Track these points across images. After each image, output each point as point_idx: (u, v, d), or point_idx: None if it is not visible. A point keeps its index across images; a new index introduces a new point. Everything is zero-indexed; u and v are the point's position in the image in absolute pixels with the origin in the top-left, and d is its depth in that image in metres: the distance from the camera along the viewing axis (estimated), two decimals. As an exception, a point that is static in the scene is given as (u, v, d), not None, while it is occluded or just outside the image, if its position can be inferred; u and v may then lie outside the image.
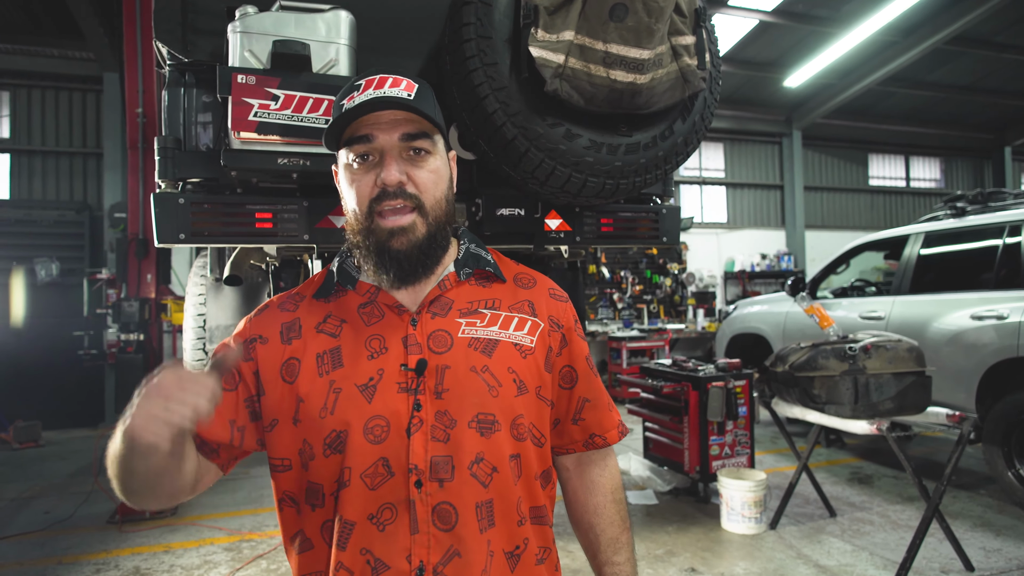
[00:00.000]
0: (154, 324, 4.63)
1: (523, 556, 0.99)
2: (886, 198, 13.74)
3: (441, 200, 1.02)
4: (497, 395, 0.99)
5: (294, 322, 1.05)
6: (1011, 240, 4.39)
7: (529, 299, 1.10)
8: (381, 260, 0.99)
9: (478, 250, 1.11)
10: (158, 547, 3.98)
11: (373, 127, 0.98)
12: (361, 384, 0.97)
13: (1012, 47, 10.18)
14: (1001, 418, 4.18)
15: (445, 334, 1.01)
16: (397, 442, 0.94)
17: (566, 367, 1.11)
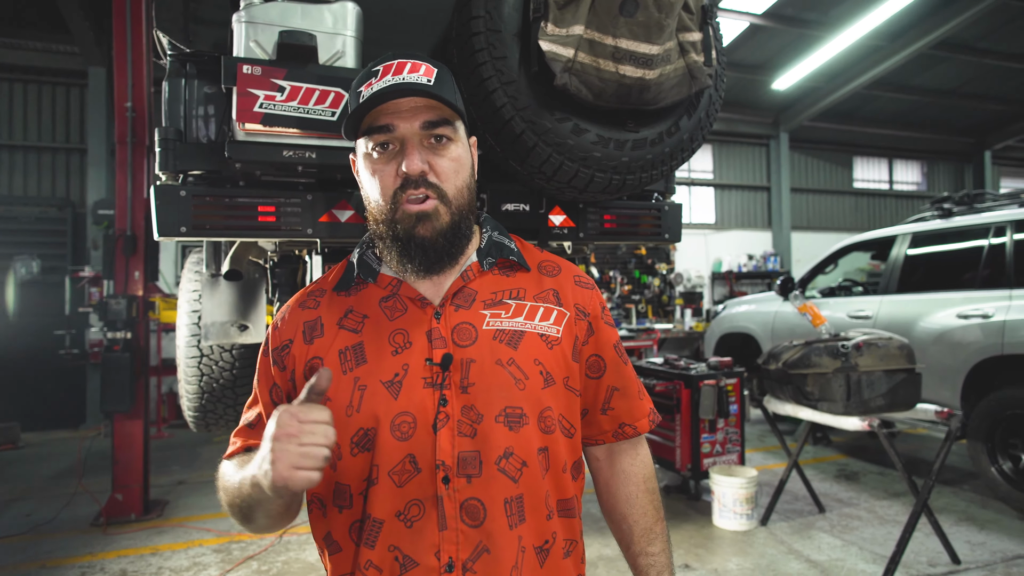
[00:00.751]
0: (142, 322, 4.55)
1: (551, 550, 0.98)
2: (870, 200, 13.93)
3: (463, 188, 1.00)
4: (524, 388, 0.97)
5: (316, 321, 1.03)
6: (996, 241, 4.47)
7: (554, 288, 1.07)
8: (407, 248, 0.97)
9: (501, 238, 1.09)
10: (145, 549, 3.92)
11: (393, 116, 0.95)
12: (386, 380, 0.95)
13: (994, 53, 10.37)
14: (986, 415, 4.25)
15: (469, 327, 0.99)
16: (424, 438, 0.93)
17: (593, 356, 1.08)
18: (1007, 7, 8.82)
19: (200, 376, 2.96)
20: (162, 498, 4.85)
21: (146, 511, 4.49)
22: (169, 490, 5.11)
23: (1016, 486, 4.12)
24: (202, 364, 2.94)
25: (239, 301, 2.67)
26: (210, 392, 3.00)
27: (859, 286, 6.09)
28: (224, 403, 3.06)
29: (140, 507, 4.45)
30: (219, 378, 2.98)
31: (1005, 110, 12.86)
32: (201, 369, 2.95)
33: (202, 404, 3.03)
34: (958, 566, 3.42)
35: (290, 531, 4.11)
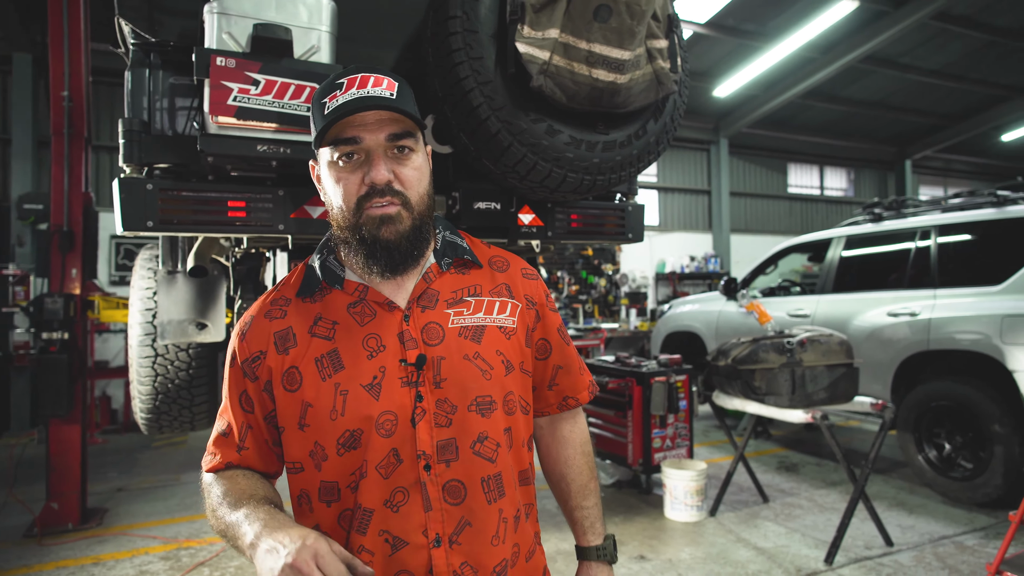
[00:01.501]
0: (79, 322, 4.34)
1: (520, 516, 1.10)
2: (803, 205, 14.59)
3: (424, 195, 1.06)
4: (491, 378, 1.05)
5: (287, 331, 1.06)
6: (922, 244, 4.78)
7: (506, 282, 1.15)
8: (372, 250, 1.02)
9: (453, 237, 1.16)
10: (86, 559, 3.74)
11: (360, 128, 0.99)
12: (366, 384, 1.01)
13: (915, 68, 11.05)
14: (913, 406, 4.55)
15: (437, 326, 1.05)
16: (404, 432, 1.00)
17: (541, 339, 1.18)
18: (926, 26, 9.43)
19: (154, 376, 2.86)
20: (100, 506, 4.63)
21: (84, 520, 4.28)
22: (108, 497, 4.89)
23: (941, 473, 4.42)
24: (156, 364, 2.84)
25: (197, 299, 2.59)
26: (165, 393, 2.90)
27: (797, 286, 6.38)
28: (179, 404, 2.97)
29: (78, 516, 4.23)
30: (174, 378, 2.89)
31: (924, 122, 13.72)
32: (155, 369, 2.85)
33: (156, 406, 2.93)
34: (891, 548, 3.65)
35: (242, 536, 4.01)
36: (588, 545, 1.25)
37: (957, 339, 4.22)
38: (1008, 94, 12.49)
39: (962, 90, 12.06)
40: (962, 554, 3.54)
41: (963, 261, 4.55)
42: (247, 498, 1.00)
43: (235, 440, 1.08)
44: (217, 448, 1.09)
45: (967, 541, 3.72)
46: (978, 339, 4.08)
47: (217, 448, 1.09)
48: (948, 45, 10.34)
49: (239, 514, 0.95)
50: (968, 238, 4.58)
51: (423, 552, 0.99)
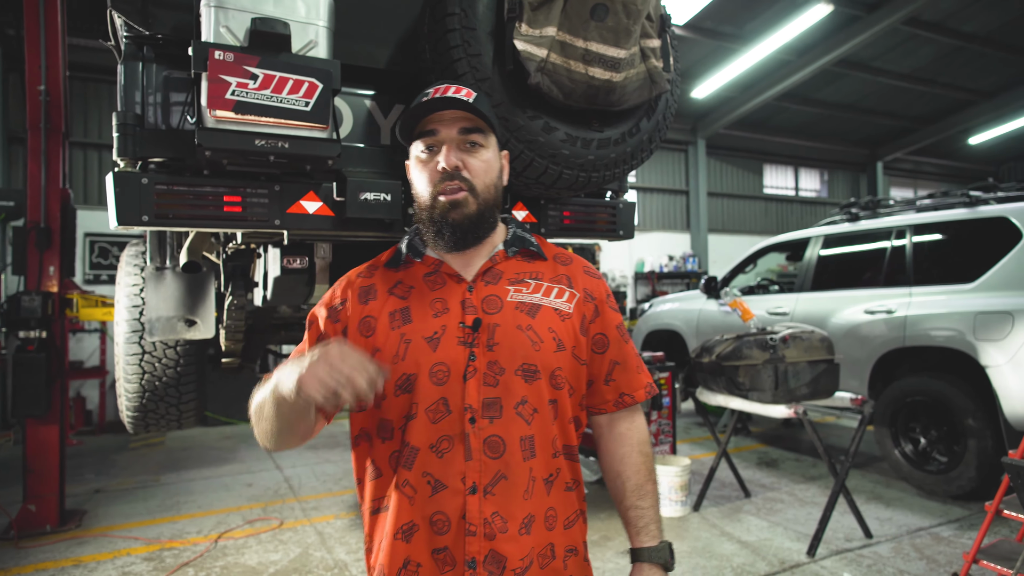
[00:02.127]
0: (58, 320, 4.25)
1: (555, 482, 1.18)
2: (778, 205, 14.83)
3: (491, 186, 1.21)
4: (539, 350, 1.16)
5: (371, 287, 1.24)
6: (897, 243, 4.90)
7: (567, 274, 1.27)
8: (440, 229, 1.18)
9: (523, 234, 1.30)
10: (66, 561, 3.67)
11: (437, 123, 1.18)
12: (427, 336, 1.15)
13: (886, 72, 11.31)
14: (890, 402, 4.66)
15: (496, 298, 1.19)
16: (455, 386, 1.13)
17: (599, 334, 1.27)
18: (897, 31, 9.67)
19: (141, 374, 2.82)
20: (79, 508, 4.55)
21: (62, 522, 4.19)
22: (86, 499, 4.80)
23: (917, 466, 4.54)
24: (144, 361, 2.80)
25: (186, 295, 2.57)
26: (152, 391, 2.86)
27: (776, 284, 6.49)
28: (167, 402, 2.93)
29: (56, 518, 4.15)
30: (162, 376, 2.85)
31: (895, 124, 14.05)
32: (143, 367, 2.81)
33: (143, 404, 2.88)
34: (871, 540, 3.74)
35: (225, 536, 3.97)
36: (641, 547, 1.25)
37: (932, 336, 4.34)
38: (975, 98, 12.85)
39: (932, 94, 12.38)
40: (938, 544, 3.64)
41: (937, 260, 4.68)
42: None
43: None
44: None
45: (943, 532, 3.83)
46: (952, 336, 4.20)
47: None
48: (918, 50, 10.61)
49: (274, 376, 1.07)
50: (942, 237, 4.71)
51: (459, 497, 1.10)
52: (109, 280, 8.13)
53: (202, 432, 7.30)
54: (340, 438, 6.90)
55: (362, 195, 2.04)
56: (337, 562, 3.56)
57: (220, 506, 4.61)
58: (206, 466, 5.81)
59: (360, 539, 3.88)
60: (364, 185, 2.05)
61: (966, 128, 13.89)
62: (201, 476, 5.46)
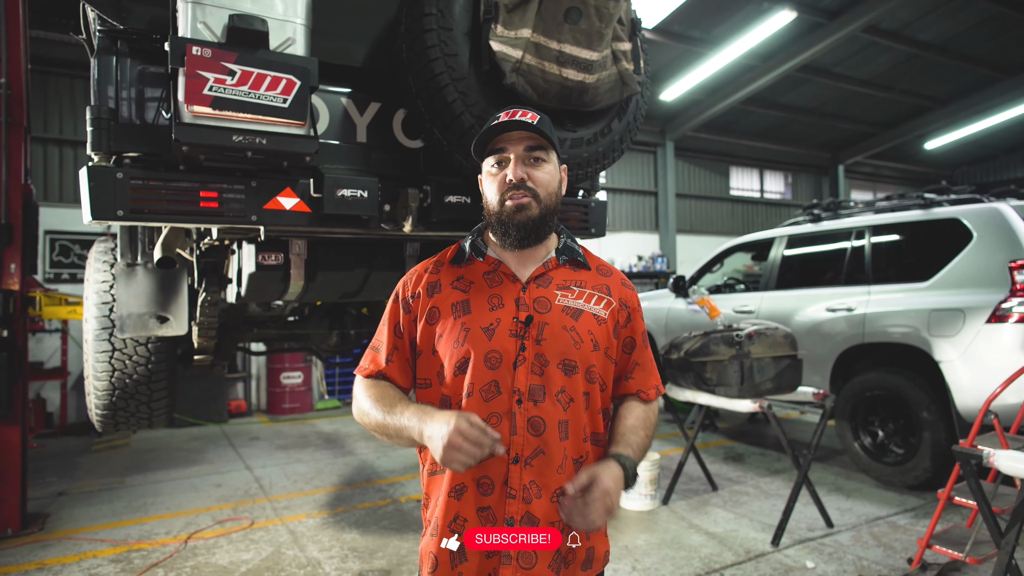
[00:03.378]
0: (19, 319, 4.15)
1: (584, 463, 1.35)
2: (744, 207, 15.14)
3: (552, 195, 1.38)
4: (579, 348, 1.34)
5: (437, 282, 1.41)
6: (857, 243, 5.07)
7: (607, 284, 1.46)
8: (507, 229, 1.36)
9: (572, 244, 1.48)
10: (29, 565, 3.59)
11: (506, 142, 1.36)
12: (484, 327, 1.33)
13: (847, 78, 11.65)
14: (850, 396, 4.82)
15: (546, 300, 1.37)
16: (505, 372, 1.30)
17: (628, 337, 1.46)
18: (857, 39, 9.97)
19: (111, 372, 2.78)
20: (41, 511, 4.44)
21: (24, 525, 4.10)
22: (48, 503, 4.69)
23: (875, 458, 4.70)
24: (114, 359, 2.77)
25: (158, 292, 2.55)
26: (122, 389, 2.82)
27: (742, 284, 6.64)
28: (137, 400, 2.89)
29: (18, 521, 4.05)
30: (132, 373, 2.81)
31: (856, 129, 14.46)
32: (112, 364, 2.77)
33: (112, 402, 2.84)
34: (832, 529, 3.88)
35: (196, 536, 3.93)
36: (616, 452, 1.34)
37: (889, 332, 4.51)
38: (931, 104, 13.31)
39: (890, 100, 12.78)
40: (895, 532, 3.79)
41: (894, 259, 4.86)
42: (399, 401, 1.33)
43: (384, 355, 1.42)
44: (370, 361, 1.44)
45: (899, 521, 3.99)
46: (908, 332, 4.37)
47: (370, 361, 1.44)
48: (877, 57, 10.95)
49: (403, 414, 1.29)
50: (898, 238, 4.89)
51: (503, 465, 1.28)
52: (71, 279, 7.93)
53: (169, 434, 7.17)
54: (311, 438, 6.85)
55: (339, 192, 2.07)
56: (310, 560, 3.55)
57: (189, 507, 4.55)
58: (174, 467, 5.71)
59: (332, 537, 3.88)
60: (341, 182, 2.07)
61: (923, 133, 14.38)
62: (169, 477, 5.38)
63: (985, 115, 13.32)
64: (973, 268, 4.21)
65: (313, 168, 2.10)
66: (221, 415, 7.81)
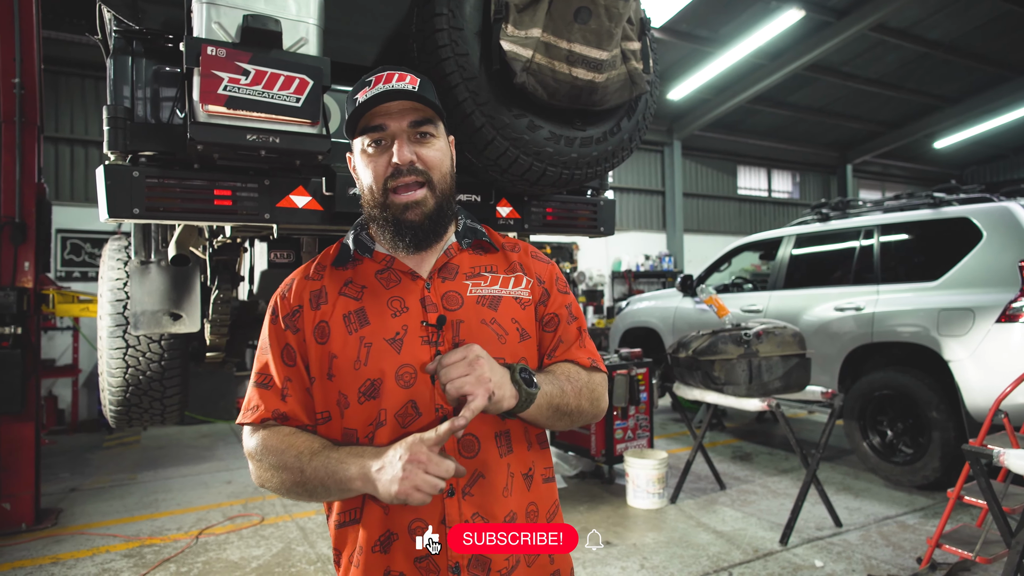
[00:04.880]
0: (33, 316, 4.20)
1: (534, 476, 1.18)
2: (752, 206, 15.09)
3: (446, 175, 1.18)
4: (505, 342, 1.15)
5: (321, 289, 1.17)
6: (866, 242, 5.06)
7: (519, 261, 1.26)
8: (398, 230, 1.14)
9: (473, 224, 1.28)
10: (44, 559, 3.64)
11: (385, 117, 1.12)
12: (389, 338, 1.11)
13: (855, 77, 11.59)
14: (859, 396, 4.81)
15: (456, 294, 1.16)
16: (423, 387, 1.09)
17: (549, 315, 1.25)
18: (866, 37, 9.93)
19: (125, 368, 2.82)
20: (54, 507, 4.50)
21: (38, 520, 4.15)
22: (61, 498, 4.74)
23: (884, 458, 4.69)
24: (128, 355, 2.80)
25: (171, 289, 2.58)
26: (136, 385, 2.86)
27: (750, 283, 6.64)
28: (151, 396, 2.93)
29: (31, 516, 4.11)
30: (146, 370, 2.85)
31: (863, 128, 14.40)
32: (126, 361, 2.81)
33: (126, 398, 2.88)
34: (840, 528, 3.87)
35: (207, 532, 3.96)
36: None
37: (898, 332, 4.50)
38: (940, 103, 13.23)
39: (899, 99, 12.72)
40: (904, 532, 3.78)
41: (903, 258, 4.85)
42: (320, 447, 1.07)
43: (278, 390, 1.14)
44: (260, 400, 1.14)
45: (908, 520, 3.98)
46: (917, 331, 4.36)
47: (260, 400, 1.14)
48: (886, 56, 10.90)
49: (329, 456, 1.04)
50: (908, 237, 4.88)
51: (436, 501, 1.06)
52: (82, 277, 8.00)
53: (179, 431, 7.23)
54: (319, 436, 6.88)
55: (351, 190, 2.09)
56: (320, 556, 3.58)
57: (200, 503, 4.59)
58: (184, 464, 5.76)
59: (342, 534, 3.90)
60: (353, 180, 2.09)
61: (932, 132, 14.29)
62: (179, 474, 5.42)
63: (995, 114, 13.23)
64: (983, 267, 4.19)
65: (325, 166, 2.12)
66: (231, 412, 7.86)
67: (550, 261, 1.31)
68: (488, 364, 1.02)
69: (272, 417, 1.13)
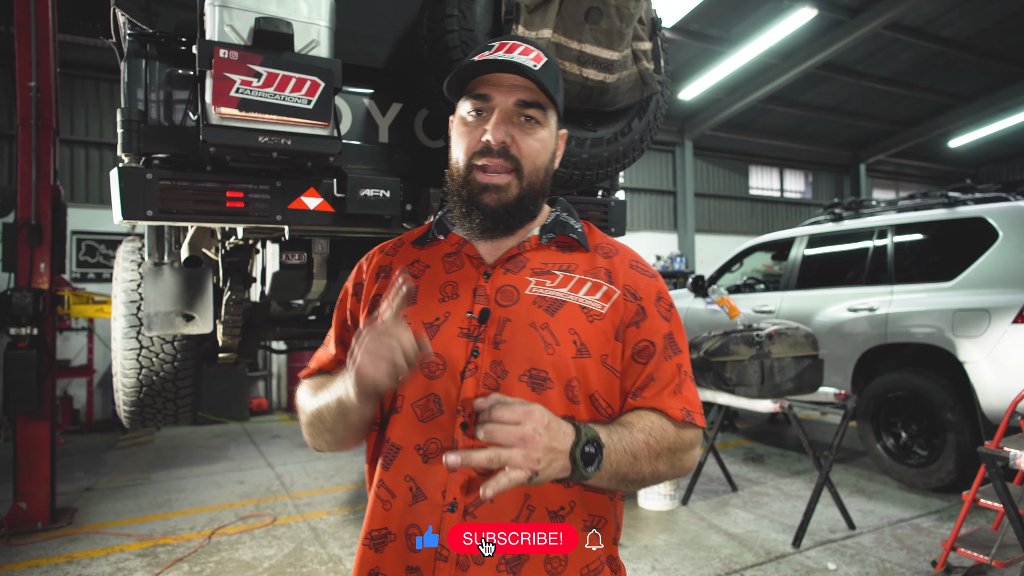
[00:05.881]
0: (49, 317, 4.25)
1: (568, 518, 0.98)
2: (763, 206, 15.00)
3: (540, 170, 1.06)
4: (553, 353, 0.98)
5: (388, 264, 1.14)
6: (879, 242, 5.01)
7: (607, 267, 1.09)
8: (469, 210, 1.05)
9: (568, 219, 1.14)
10: (59, 558, 3.68)
11: (493, 87, 1.02)
12: (427, 322, 1.02)
13: (868, 75, 11.50)
14: (872, 397, 4.77)
15: (513, 289, 1.04)
16: (449, 383, 0.98)
17: (642, 341, 1.05)
18: (879, 36, 9.84)
19: (139, 369, 2.84)
20: (69, 506, 4.54)
21: (53, 519, 4.19)
22: (76, 497, 4.79)
23: (898, 460, 4.65)
24: (141, 356, 2.83)
25: (184, 291, 2.60)
26: (149, 385, 2.88)
27: (762, 283, 6.60)
28: (164, 397, 2.95)
29: (47, 515, 4.15)
30: (159, 371, 2.87)
31: (877, 127, 14.27)
32: (140, 361, 2.84)
33: (140, 398, 2.91)
34: (854, 531, 3.84)
35: (219, 532, 3.99)
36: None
37: (912, 333, 4.45)
38: (954, 102, 13.09)
39: (912, 97, 12.59)
40: (918, 535, 3.74)
41: (917, 259, 4.80)
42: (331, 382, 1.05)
43: (330, 351, 1.17)
44: (316, 358, 1.20)
45: (923, 523, 3.94)
46: (931, 332, 4.31)
47: (316, 358, 1.20)
48: (899, 54, 10.80)
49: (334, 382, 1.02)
50: (922, 237, 4.83)
51: (436, 513, 0.95)
52: (96, 278, 8.09)
53: (191, 431, 7.28)
54: (330, 436, 6.91)
55: (362, 192, 2.09)
56: (331, 556, 3.59)
57: (212, 503, 4.62)
58: (197, 464, 5.80)
59: (352, 535, 3.92)
60: (364, 182, 2.10)
61: (946, 131, 14.14)
62: (192, 474, 5.46)
63: (1010, 113, 13.07)
64: (999, 268, 4.15)
65: (336, 168, 2.13)
66: (243, 413, 7.92)
67: (655, 274, 1.11)
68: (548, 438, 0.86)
69: (316, 373, 1.17)
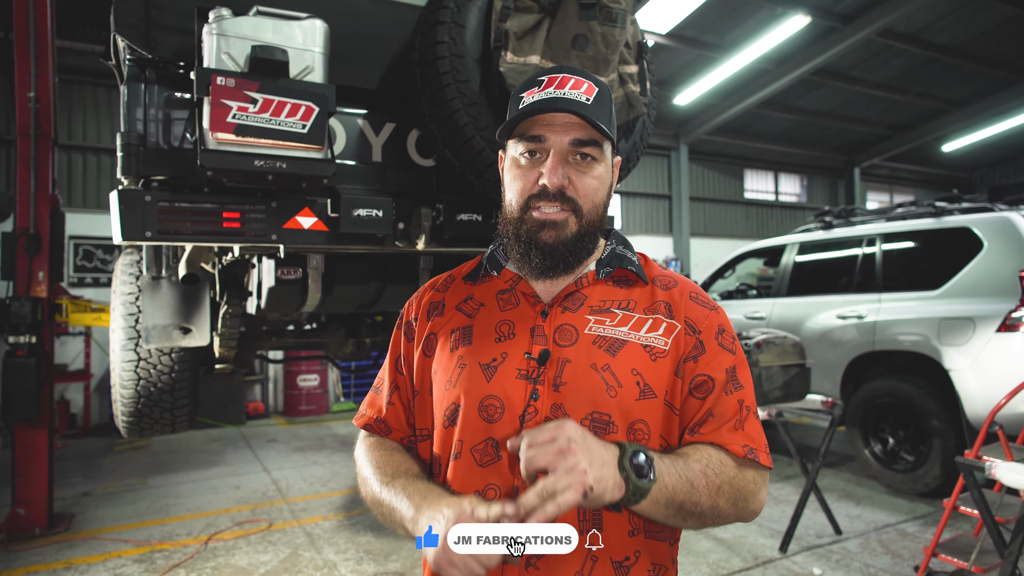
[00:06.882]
0: (47, 326, 4.30)
1: (633, 568, 0.95)
2: (759, 210, 15.09)
3: (598, 206, 1.02)
4: (615, 395, 0.95)
5: (441, 301, 1.11)
6: (868, 250, 5.09)
7: (667, 300, 1.04)
8: (527, 249, 1.01)
9: (624, 251, 1.09)
10: (57, 564, 3.73)
11: (547, 128, 0.98)
12: (484, 363, 0.99)
13: (863, 81, 11.59)
14: (861, 403, 4.84)
15: (571, 328, 1.00)
16: (508, 427, 0.95)
17: (700, 376, 0.99)
18: (873, 42, 9.93)
19: (137, 380, 2.90)
20: (67, 511, 4.59)
21: (51, 525, 4.24)
22: (73, 503, 4.84)
23: (885, 465, 4.72)
24: (139, 368, 2.88)
25: (181, 304, 2.65)
26: (147, 396, 2.94)
27: (754, 289, 6.67)
28: (161, 407, 3.01)
29: (45, 521, 4.20)
30: (157, 382, 2.93)
31: (871, 132, 14.37)
32: (138, 373, 2.89)
33: (138, 409, 2.96)
34: (840, 536, 3.91)
35: (216, 537, 4.04)
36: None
37: (900, 340, 4.53)
38: (948, 107, 13.19)
39: (906, 102, 12.69)
40: (904, 540, 3.81)
41: (905, 267, 4.88)
42: (402, 473, 1.02)
43: (384, 397, 1.13)
44: (368, 405, 1.16)
45: (908, 528, 4.01)
46: (918, 340, 4.39)
47: (368, 405, 1.16)
48: (893, 60, 10.89)
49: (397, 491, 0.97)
50: (910, 245, 4.91)
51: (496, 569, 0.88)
52: (94, 283, 8.13)
53: (188, 435, 7.32)
54: (327, 441, 6.97)
55: (355, 211, 2.15)
56: (327, 562, 3.65)
57: (209, 508, 4.67)
58: (193, 469, 5.85)
59: (347, 540, 3.98)
60: (357, 202, 2.16)
61: (940, 136, 14.25)
62: (189, 479, 5.51)
63: (1003, 117, 13.18)
64: (983, 277, 4.22)
65: (330, 188, 2.19)
66: (239, 417, 7.96)
67: (716, 307, 1.06)
68: (585, 449, 0.82)
69: (373, 424, 1.13)
